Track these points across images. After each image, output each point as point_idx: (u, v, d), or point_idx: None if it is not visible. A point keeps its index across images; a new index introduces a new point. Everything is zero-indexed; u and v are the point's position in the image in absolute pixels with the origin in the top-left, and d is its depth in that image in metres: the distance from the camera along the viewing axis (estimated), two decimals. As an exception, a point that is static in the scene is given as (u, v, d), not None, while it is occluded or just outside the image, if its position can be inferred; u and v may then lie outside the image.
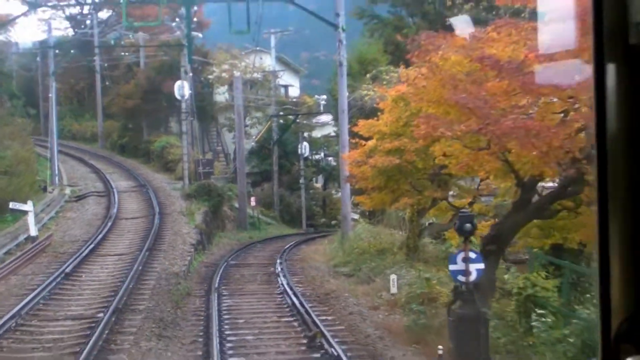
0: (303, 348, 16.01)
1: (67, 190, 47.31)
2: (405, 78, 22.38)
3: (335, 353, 14.59)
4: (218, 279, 25.38)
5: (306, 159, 61.50)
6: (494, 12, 22.72)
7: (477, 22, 28.91)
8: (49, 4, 69.95)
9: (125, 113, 70.72)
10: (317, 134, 65.97)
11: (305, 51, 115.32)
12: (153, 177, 54.37)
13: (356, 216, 43.73)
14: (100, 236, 31.77)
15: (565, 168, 14.90)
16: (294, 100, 68.61)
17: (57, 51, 60.05)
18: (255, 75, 65.79)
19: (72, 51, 77.10)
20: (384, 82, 38.61)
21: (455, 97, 15.69)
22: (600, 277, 2.48)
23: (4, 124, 45.22)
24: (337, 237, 35.75)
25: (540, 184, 18.53)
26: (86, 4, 65.33)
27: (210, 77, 65.31)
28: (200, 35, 56.36)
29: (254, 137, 66.04)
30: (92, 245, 29.26)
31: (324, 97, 60.99)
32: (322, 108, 61.96)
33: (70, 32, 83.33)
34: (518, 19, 20.77)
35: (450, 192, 26.67)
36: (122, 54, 71.61)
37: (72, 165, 60.58)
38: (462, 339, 12.40)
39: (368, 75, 45.45)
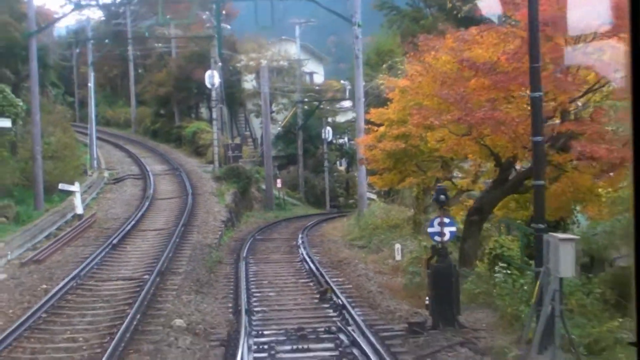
0: (316, 300, 19.26)
1: (106, 174, 50.52)
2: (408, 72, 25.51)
3: (341, 302, 17.80)
4: (246, 250, 28.68)
5: (330, 143, 64.35)
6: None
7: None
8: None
9: (157, 100, 74.33)
10: (340, 119, 68.80)
11: (333, 35, 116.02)
12: (185, 161, 57.55)
13: (374, 196, 46.85)
14: (140, 214, 35.06)
15: (530, 151, 17.97)
16: (317, 87, 71.46)
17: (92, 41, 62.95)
18: (281, 63, 68.92)
19: (106, 40, 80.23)
20: (399, 72, 41.45)
21: (440, 93, 18.80)
22: (636, 270, 2.49)
23: (47, 112, 48.45)
24: (355, 215, 38.96)
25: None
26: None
27: (238, 65, 68.26)
28: (228, 27, 59.31)
29: (280, 122, 69.32)
30: (133, 222, 32.56)
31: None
32: (347, 93, 64.80)
33: (103, 19, 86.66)
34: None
35: (455, 173, 29.68)
36: (156, 44, 74.48)
37: (107, 150, 63.73)
38: (438, 286, 15.52)
39: (384, 66, 48.22)
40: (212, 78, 50.00)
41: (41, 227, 30.58)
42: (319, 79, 77.05)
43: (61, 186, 35.01)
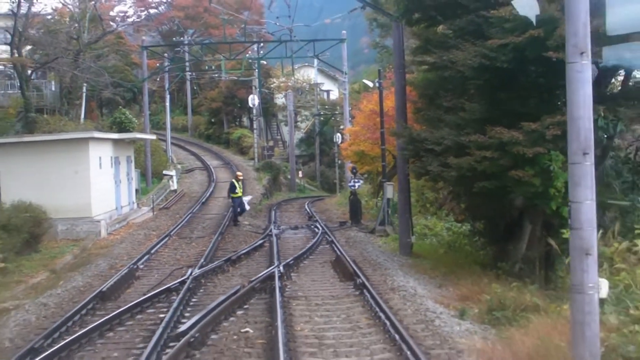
0: (306, 220, 41.17)
1: (179, 167, 71.34)
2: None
3: (316, 219, 39.69)
4: (275, 207, 50.53)
5: (339, 145, 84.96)
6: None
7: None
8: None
9: (210, 111, 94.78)
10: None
11: (365, 36, 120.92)
12: (233, 158, 78.56)
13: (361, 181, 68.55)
14: (210, 190, 56.61)
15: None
16: (328, 107, 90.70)
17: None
18: (304, 84, 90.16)
19: (168, 63, 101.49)
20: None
21: (361, 124, 40.68)
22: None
23: (139, 124, 70.41)
24: (344, 191, 60.90)
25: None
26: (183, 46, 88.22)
27: (271, 86, 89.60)
28: (265, 62, 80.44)
29: (303, 129, 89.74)
30: (208, 194, 54.20)
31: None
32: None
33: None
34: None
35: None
36: (214, 76, 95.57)
37: (174, 150, 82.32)
38: (352, 208, 37.36)
39: (366, 94, 69.74)
40: (253, 100, 71.46)
41: (156, 195, 52.61)
42: (334, 95, 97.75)
43: (164, 172, 57.15)
